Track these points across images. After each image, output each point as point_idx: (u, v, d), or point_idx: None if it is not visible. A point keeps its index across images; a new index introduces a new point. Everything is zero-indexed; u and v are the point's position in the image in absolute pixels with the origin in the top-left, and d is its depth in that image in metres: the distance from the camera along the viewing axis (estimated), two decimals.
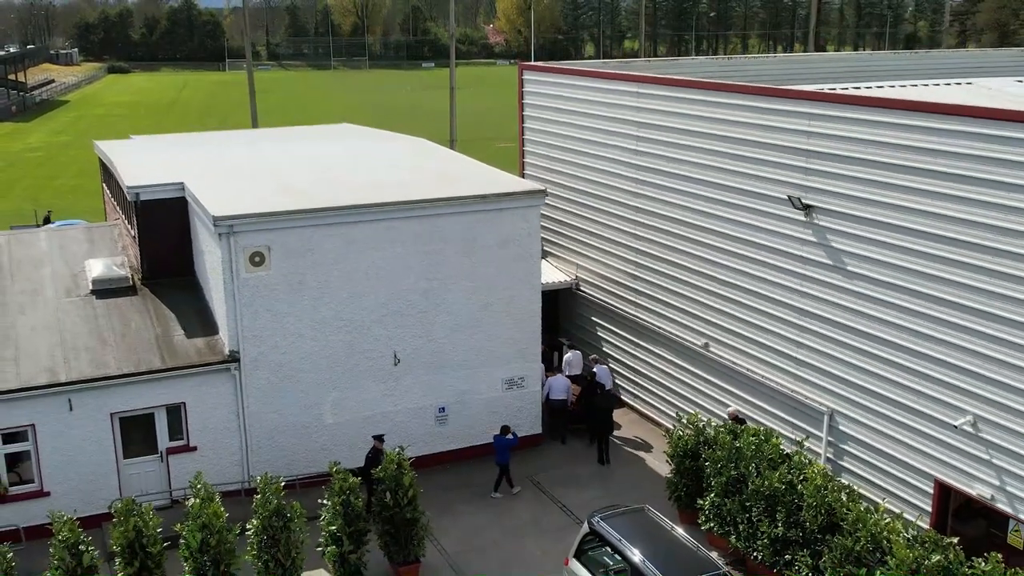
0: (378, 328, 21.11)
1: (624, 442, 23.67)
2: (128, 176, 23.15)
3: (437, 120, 75.12)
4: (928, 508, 17.13)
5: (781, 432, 19.34)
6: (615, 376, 25.20)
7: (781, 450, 17.97)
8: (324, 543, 17.44)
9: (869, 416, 18.06)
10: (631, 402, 25.26)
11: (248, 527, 16.66)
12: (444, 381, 22.01)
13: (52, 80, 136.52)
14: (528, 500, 21.01)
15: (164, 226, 22.48)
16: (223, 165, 25.83)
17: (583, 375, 24.85)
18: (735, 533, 17.92)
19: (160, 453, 20.15)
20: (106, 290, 22.02)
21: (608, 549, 16.35)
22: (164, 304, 21.76)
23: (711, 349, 21.78)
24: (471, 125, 75.10)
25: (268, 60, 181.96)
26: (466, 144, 54.40)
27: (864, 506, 16.06)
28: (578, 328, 26.97)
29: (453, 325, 21.77)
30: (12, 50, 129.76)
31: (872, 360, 17.78)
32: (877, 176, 17.08)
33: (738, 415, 20.70)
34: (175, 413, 20.08)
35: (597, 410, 22.89)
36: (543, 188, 22.96)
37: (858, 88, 24.13)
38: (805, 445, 18.53)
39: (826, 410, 18.87)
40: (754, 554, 17.47)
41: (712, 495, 18.44)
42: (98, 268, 22.51)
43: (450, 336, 21.80)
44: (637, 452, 23.20)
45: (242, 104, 72.98)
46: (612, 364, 25.40)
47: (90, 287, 22.11)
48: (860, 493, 17.00)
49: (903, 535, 15.00)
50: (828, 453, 19.04)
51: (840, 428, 18.72)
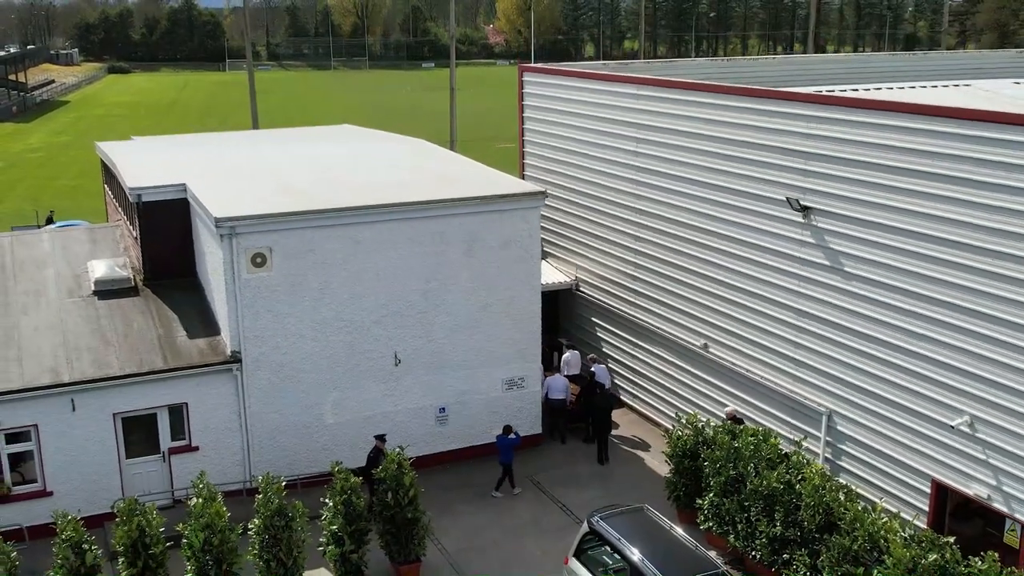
0: (378, 329, 21.22)
1: (623, 442, 23.78)
2: (130, 177, 23.27)
3: (437, 120, 75.23)
4: (925, 508, 17.23)
5: (780, 432, 19.44)
6: (614, 376, 25.32)
7: (779, 450, 18.07)
8: (325, 542, 17.54)
9: (867, 416, 18.16)
10: (630, 402, 25.37)
11: (250, 527, 16.76)
12: (444, 381, 22.12)
13: (52, 80, 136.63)
14: (528, 500, 21.12)
15: (166, 227, 22.58)
16: (224, 166, 25.94)
17: (582, 375, 24.97)
18: (734, 532, 18.02)
19: (162, 453, 20.26)
20: (108, 291, 22.11)
21: (607, 548, 16.43)
22: (166, 305, 21.86)
23: (710, 350, 21.89)
24: (471, 126, 75.21)
25: (268, 60, 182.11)
26: (466, 145, 54.50)
27: (862, 506, 16.16)
28: (578, 328, 27.08)
29: (453, 326, 21.88)
30: (12, 50, 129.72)
31: (870, 361, 17.89)
32: (875, 178, 17.19)
33: (736, 415, 20.80)
34: (177, 413, 20.18)
35: (596, 410, 23.00)
36: (543, 190, 23.06)
37: (856, 90, 24.26)
38: (803, 445, 18.62)
39: (824, 410, 18.98)
40: (752, 553, 17.56)
41: (711, 495, 18.54)
42: (100, 269, 22.60)
43: (450, 336, 21.90)
44: (636, 452, 23.31)
45: (242, 104, 73.10)
46: (611, 364, 25.51)
47: (92, 288, 22.20)
48: (858, 493, 17.10)
49: (900, 534, 15.10)
50: (826, 453, 19.15)
51: (838, 428, 18.83)
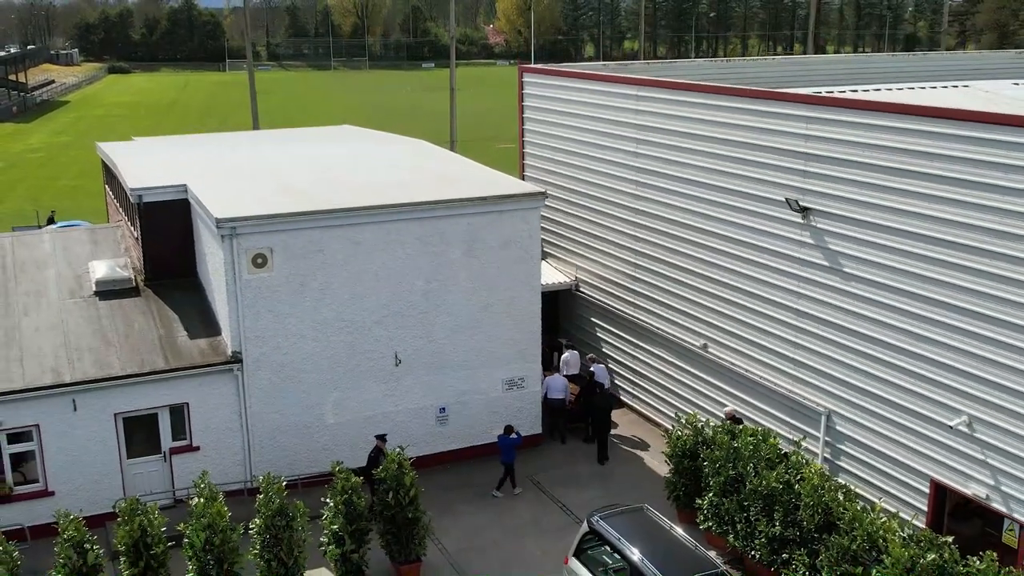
0: (379, 329, 21.28)
1: (623, 442, 23.84)
2: (131, 178, 23.32)
3: (437, 121, 75.30)
4: (924, 508, 17.29)
5: (779, 432, 19.49)
6: (614, 376, 25.38)
7: (779, 450, 18.13)
8: (326, 542, 17.59)
9: (866, 416, 18.22)
10: (630, 402, 25.42)
11: (251, 526, 16.81)
12: (445, 381, 22.18)
13: (52, 80, 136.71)
14: (528, 500, 21.17)
15: (167, 228, 22.63)
16: (225, 167, 26.00)
17: (581, 374, 25.02)
18: (733, 532, 18.07)
19: (163, 453, 20.32)
20: (109, 291, 22.15)
21: (607, 548, 16.48)
22: (167, 305, 21.91)
23: (710, 350, 21.95)
24: (471, 126, 75.27)
25: (268, 60, 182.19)
26: (466, 145, 54.57)
27: (861, 505, 16.21)
28: (578, 329, 27.13)
29: (454, 326, 21.93)
30: (12, 50, 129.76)
31: (869, 361, 17.94)
32: (874, 179, 17.25)
33: (735, 415, 20.86)
34: (178, 413, 20.24)
35: (596, 410, 23.06)
36: (543, 190, 23.11)
37: (856, 91, 24.31)
38: (803, 445, 18.67)
39: (823, 410, 19.03)
40: (752, 553, 17.61)
41: (710, 495, 18.59)
42: (101, 269, 22.64)
43: (451, 337, 21.96)
44: (636, 452, 23.36)
45: (242, 105, 73.16)
46: (611, 364, 25.57)
47: (94, 288, 22.25)
48: (857, 493, 17.17)
49: (899, 534, 15.15)
50: (825, 453, 19.21)
51: (837, 428, 18.89)
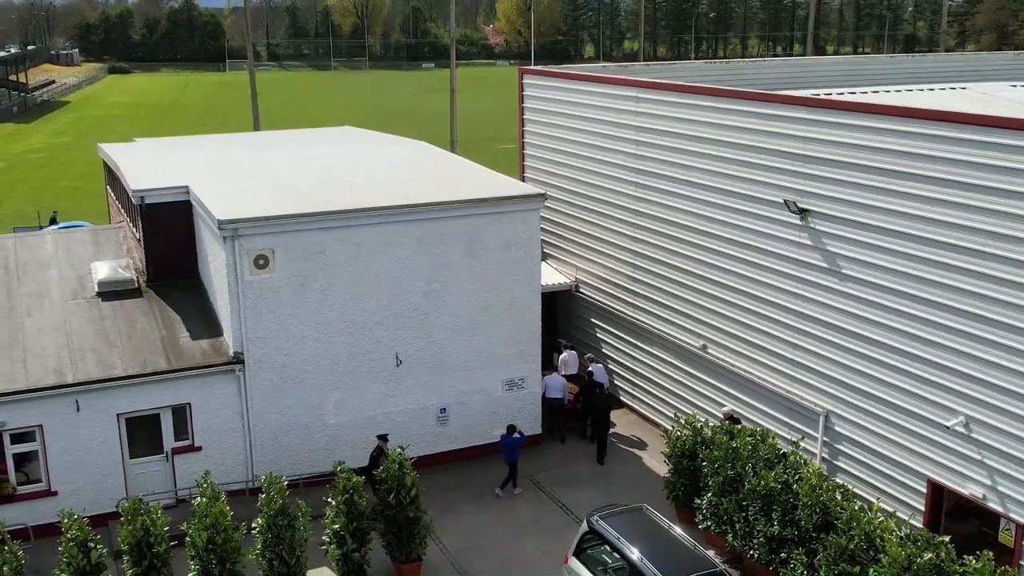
0: (380, 330, 21.38)
1: (623, 442, 23.95)
2: (133, 179, 23.42)
3: (437, 121, 75.38)
4: (921, 507, 17.41)
5: (778, 432, 19.59)
6: (613, 376, 25.50)
7: (777, 450, 18.24)
8: (328, 541, 17.70)
9: (864, 417, 18.34)
10: (630, 403, 25.53)
11: (253, 526, 16.92)
12: (445, 382, 22.29)
13: (53, 81, 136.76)
14: (528, 499, 21.29)
15: (169, 229, 22.73)
16: (227, 168, 26.09)
17: (579, 374, 25.13)
18: (732, 532, 18.18)
19: (166, 453, 20.43)
20: (112, 292, 22.24)
21: (607, 547, 16.58)
22: (169, 306, 22.01)
23: (709, 350, 22.06)
24: (471, 126, 75.36)
25: (268, 60, 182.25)
26: (466, 145, 54.67)
27: (858, 505, 16.32)
28: (577, 329, 27.24)
29: (454, 327, 22.04)
30: (13, 51, 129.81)
31: (867, 362, 18.06)
32: (871, 181, 17.36)
33: (733, 414, 20.97)
34: (180, 413, 20.35)
35: (595, 410, 23.16)
36: (543, 192, 23.21)
37: (854, 93, 24.40)
38: (801, 445, 18.78)
39: (822, 411, 19.15)
40: (750, 552, 17.72)
41: (709, 494, 18.70)
42: (104, 270, 22.74)
43: (451, 337, 22.07)
44: (635, 452, 23.47)
45: (242, 105, 73.25)
46: (611, 365, 25.68)
47: (96, 289, 22.34)
48: (854, 492, 17.26)
49: (896, 534, 15.27)
50: (824, 453, 19.32)
51: (835, 429, 19.01)
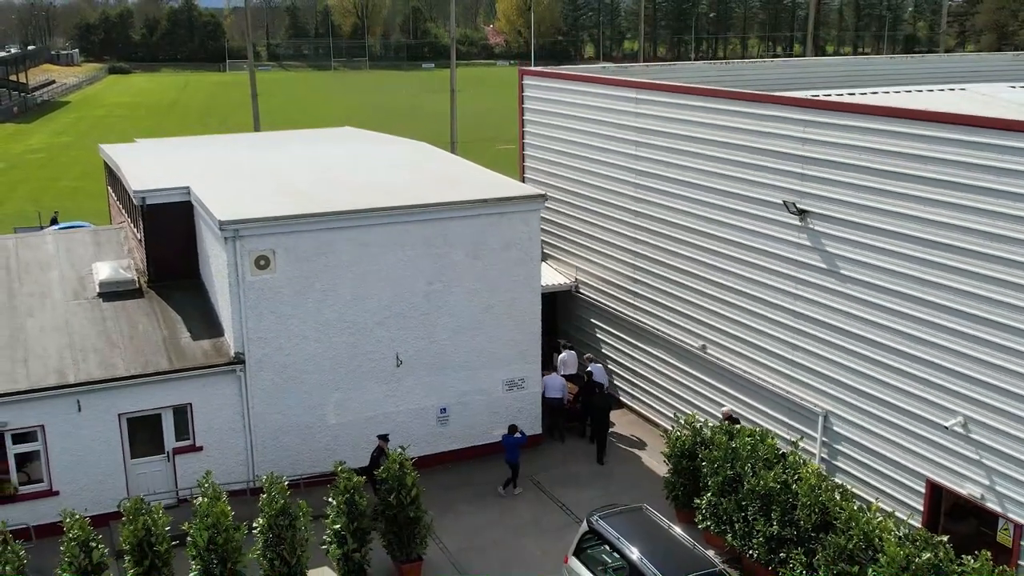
0: (381, 330, 21.45)
1: (622, 442, 24.01)
2: (134, 180, 23.47)
3: (437, 121, 75.45)
4: (920, 507, 17.48)
5: (777, 433, 19.66)
6: (613, 377, 25.56)
7: (776, 450, 18.30)
8: (329, 541, 17.76)
9: (862, 417, 18.41)
10: (629, 403, 25.59)
11: (254, 526, 16.98)
12: (446, 382, 22.35)
13: (53, 81, 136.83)
14: (528, 499, 21.35)
15: (170, 229, 22.80)
16: (228, 169, 26.15)
17: (579, 374, 25.20)
18: (731, 532, 18.24)
19: (167, 453, 20.49)
20: (113, 293, 22.30)
21: (607, 547, 16.65)
22: (170, 306, 22.07)
23: (708, 351, 22.13)
24: (471, 126, 75.43)
25: (268, 61, 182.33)
26: (466, 146, 54.74)
27: (857, 505, 16.38)
28: (577, 330, 27.30)
29: (455, 327, 22.10)
30: (13, 51, 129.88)
31: (865, 362, 18.13)
32: (870, 182, 17.43)
33: (732, 414, 21.04)
34: (182, 414, 20.41)
35: (595, 409, 23.23)
36: (543, 193, 23.26)
37: (853, 94, 24.48)
38: (800, 445, 18.85)
39: (821, 411, 19.21)
40: (750, 552, 17.79)
41: (709, 494, 18.76)
42: (105, 271, 22.80)
43: (452, 338, 22.13)
44: (635, 452, 23.53)
45: (243, 105, 73.32)
46: (611, 365, 25.74)
47: (97, 290, 22.41)
48: (853, 492, 17.33)
49: (895, 533, 15.33)
50: (823, 453, 19.39)
51: (834, 429, 19.07)
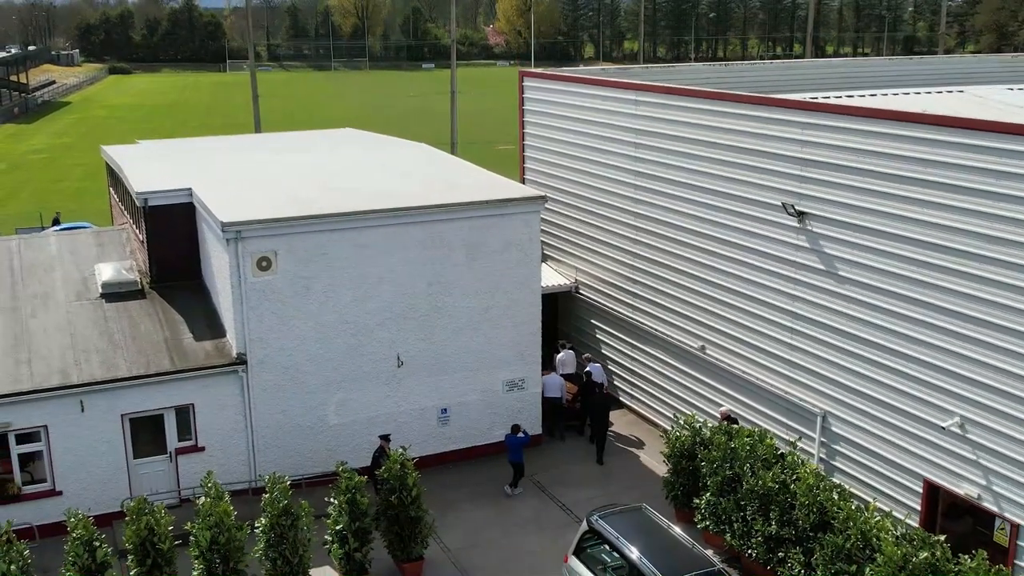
0: (382, 331, 21.56)
1: (622, 442, 24.12)
2: (137, 182, 23.58)
3: (437, 122, 75.60)
4: (917, 507, 17.59)
5: (776, 433, 19.78)
6: (613, 377, 25.67)
7: (775, 450, 18.41)
8: (330, 541, 17.87)
9: (860, 417, 18.52)
10: (629, 403, 25.70)
11: (257, 525, 17.10)
12: (446, 383, 22.45)
13: (54, 81, 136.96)
14: (529, 499, 21.46)
15: (172, 231, 22.90)
16: (229, 170, 26.26)
17: (577, 374, 25.32)
18: (730, 531, 18.35)
19: (169, 453, 20.60)
20: (116, 293, 22.42)
21: (607, 547, 16.76)
22: (173, 307, 22.19)
23: (707, 352, 22.24)
24: (471, 127, 75.54)
25: (269, 61, 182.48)
26: (466, 147, 54.88)
27: (855, 505, 16.49)
28: (577, 330, 27.41)
29: (455, 328, 22.21)
30: (13, 51, 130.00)
31: (864, 363, 18.24)
32: (868, 184, 17.54)
33: (730, 415, 21.16)
34: (184, 414, 20.52)
35: (595, 409, 23.34)
36: (543, 194, 23.36)
37: (852, 96, 24.60)
38: (798, 446, 18.96)
39: (819, 411, 19.32)
40: (748, 551, 17.89)
41: (708, 494, 18.87)
42: (108, 272, 22.92)
43: (452, 339, 22.24)
44: (635, 452, 23.64)
45: (244, 106, 73.52)
46: (610, 365, 25.85)
47: (100, 291, 22.52)
48: (851, 492, 17.47)
49: (892, 533, 15.45)
50: (821, 453, 19.49)
51: (832, 429, 19.19)
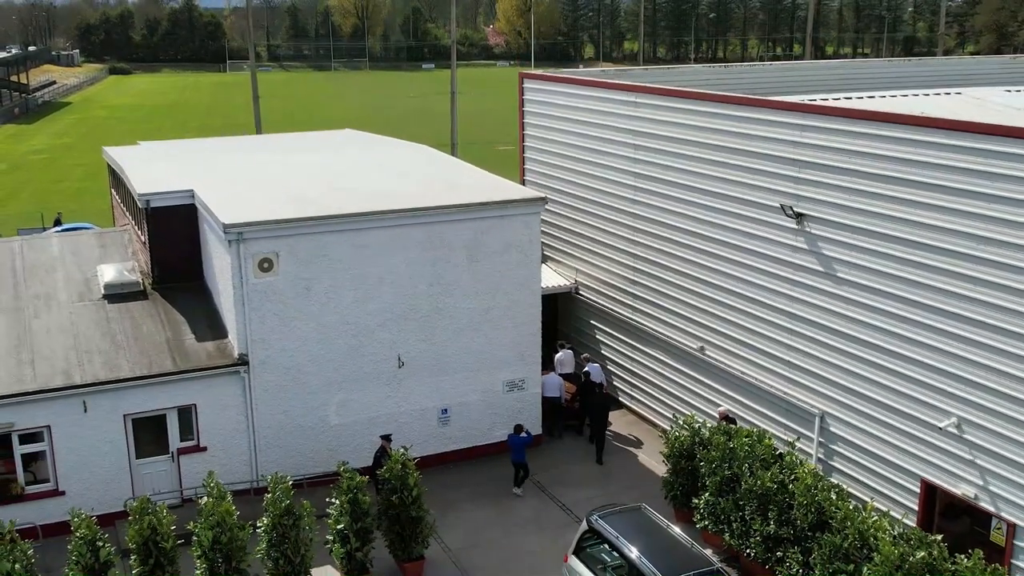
0: (382, 332, 21.67)
1: (622, 442, 24.23)
2: (139, 183, 23.67)
3: (438, 122, 75.71)
4: (915, 507, 17.69)
5: (774, 433, 19.89)
6: (612, 377, 25.78)
7: (774, 451, 18.52)
8: (332, 540, 17.98)
9: (858, 418, 18.62)
10: (628, 403, 25.81)
11: (258, 525, 17.21)
12: (447, 383, 22.56)
13: (54, 82, 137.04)
14: (529, 499, 21.56)
15: (174, 232, 23.00)
16: (231, 171, 26.35)
17: (575, 373, 25.43)
18: (729, 531, 18.45)
19: (171, 453, 20.72)
20: (118, 294, 22.53)
21: (606, 546, 16.87)
22: (174, 308, 22.30)
23: (707, 352, 22.35)
24: (471, 128, 75.62)
25: (269, 61, 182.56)
26: (466, 147, 54.96)
27: (853, 505, 16.61)
28: (577, 331, 27.52)
29: (455, 329, 22.32)
30: (14, 51, 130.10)
31: (862, 364, 18.34)
32: (866, 186, 17.64)
33: (728, 415, 21.27)
34: (186, 414, 20.63)
35: (594, 409, 23.45)
36: (543, 196, 23.46)
37: (850, 98, 24.71)
38: (797, 446, 19.07)
39: (817, 412, 19.44)
40: (747, 551, 18.00)
41: (707, 494, 18.97)
42: (110, 273, 23.03)
43: (453, 339, 22.35)
44: (634, 452, 23.76)
45: (244, 106, 73.63)
46: (610, 366, 25.96)
47: (102, 292, 22.63)
48: (849, 492, 17.59)
49: (889, 532, 15.57)
50: (819, 453, 19.60)
51: (831, 429, 19.30)
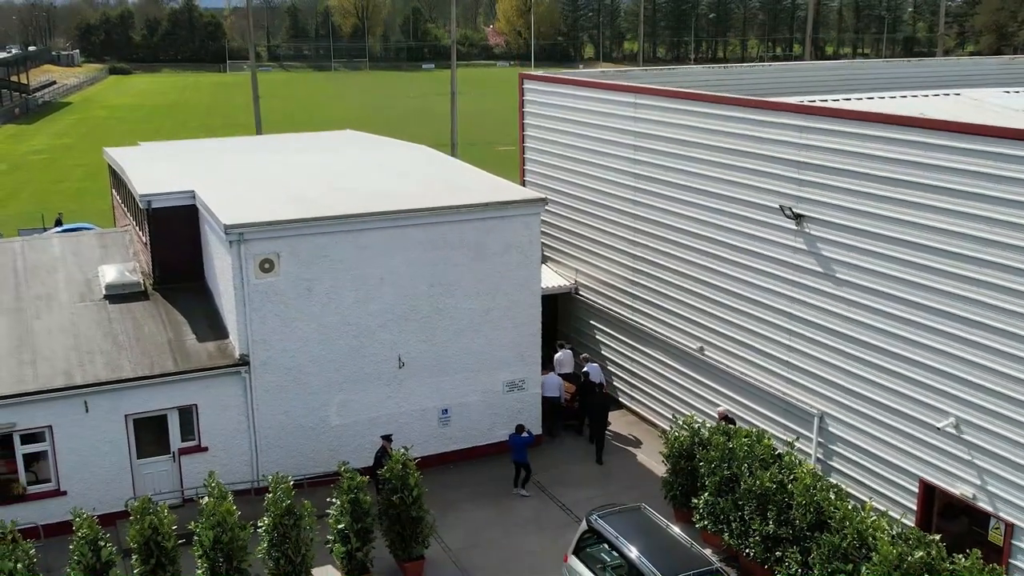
0: (383, 332, 21.72)
1: (621, 442, 24.30)
2: (140, 184, 23.72)
3: (438, 123, 75.79)
4: (913, 507, 17.75)
5: (773, 433, 19.94)
6: (612, 378, 25.84)
7: (773, 451, 18.57)
8: (332, 540, 18.04)
9: (857, 418, 18.68)
10: (628, 403, 25.87)
11: (259, 525, 17.26)
12: (447, 384, 22.62)
13: (54, 82, 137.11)
14: (529, 499, 21.62)
15: (175, 233, 23.06)
16: (232, 172, 26.41)
17: (574, 373, 25.49)
18: (728, 531, 18.51)
19: (172, 453, 20.77)
20: (119, 295, 22.60)
21: (606, 546, 16.92)
22: (176, 309, 22.36)
23: (706, 353, 22.41)
24: (472, 128, 75.70)
25: (269, 61, 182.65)
26: (467, 148, 55.03)
27: (851, 505, 16.68)
28: (576, 331, 27.58)
29: (456, 329, 22.38)
30: (14, 51, 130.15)
31: (860, 365, 18.40)
32: (865, 187, 17.70)
33: (728, 415, 21.34)
34: (187, 414, 20.69)
35: (594, 409, 23.51)
36: (543, 196, 23.53)
37: (849, 99, 24.77)
38: (796, 446, 19.13)
39: (816, 412, 19.49)
40: (746, 551, 18.05)
41: (706, 494, 19.03)
42: (111, 274, 23.09)
43: (453, 340, 22.40)
44: (634, 452, 23.82)
45: (244, 106, 73.71)
46: (609, 366, 26.02)
47: (103, 292, 22.69)
48: (848, 492, 17.64)
49: (888, 532, 15.63)
50: (818, 454, 19.66)
51: (830, 429, 19.36)
